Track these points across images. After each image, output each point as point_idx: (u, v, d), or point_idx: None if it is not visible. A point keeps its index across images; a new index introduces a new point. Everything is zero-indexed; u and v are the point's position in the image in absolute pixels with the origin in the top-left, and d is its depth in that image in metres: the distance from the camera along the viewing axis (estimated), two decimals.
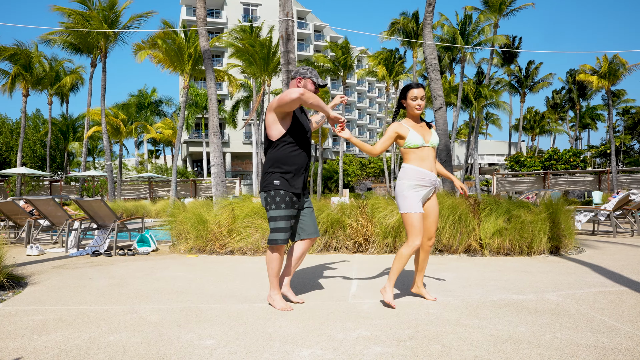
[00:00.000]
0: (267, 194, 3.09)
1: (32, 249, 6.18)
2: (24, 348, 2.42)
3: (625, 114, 41.95)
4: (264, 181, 3.11)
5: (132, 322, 2.87)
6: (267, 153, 3.15)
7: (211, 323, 2.84)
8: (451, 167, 8.68)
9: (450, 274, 4.39)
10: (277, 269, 3.12)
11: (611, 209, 8.21)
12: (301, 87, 3.18)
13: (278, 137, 3.09)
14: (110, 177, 20.31)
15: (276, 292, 3.18)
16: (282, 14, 7.02)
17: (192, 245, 6.26)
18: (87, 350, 2.37)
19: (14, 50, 21.76)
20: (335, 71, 31.25)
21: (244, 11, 44.19)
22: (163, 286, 4.00)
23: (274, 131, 3.09)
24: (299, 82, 3.21)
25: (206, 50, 9.60)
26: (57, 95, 31.26)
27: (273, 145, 3.11)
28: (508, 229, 5.52)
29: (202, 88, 38.29)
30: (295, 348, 2.37)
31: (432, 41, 8.89)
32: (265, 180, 3.10)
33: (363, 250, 5.91)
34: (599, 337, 2.47)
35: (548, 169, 26.16)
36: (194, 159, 44.53)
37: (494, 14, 27.31)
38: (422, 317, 2.90)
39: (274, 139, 3.09)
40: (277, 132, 3.08)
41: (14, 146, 33.23)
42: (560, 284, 3.84)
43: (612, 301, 3.23)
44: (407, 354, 2.26)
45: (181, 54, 17.93)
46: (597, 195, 17.26)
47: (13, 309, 3.26)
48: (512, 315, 2.91)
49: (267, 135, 3.12)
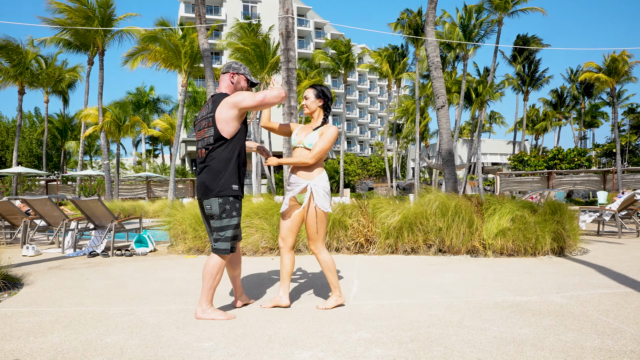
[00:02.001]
0: (224, 199, 2.85)
1: (28, 250, 6.13)
2: (19, 350, 2.38)
3: (631, 113, 41.85)
4: (218, 184, 2.85)
5: (129, 324, 2.83)
6: (214, 152, 2.87)
7: (210, 325, 2.80)
8: (454, 167, 8.63)
9: (452, 275, 4.35)
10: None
11: (616, 209, 8.15)
12: (234, 82, 3.04)
13: (231, 136, 2.89)
14: (107, 177, 20.24)
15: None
16: (282, 11, 6.97)
17: (191, 246, 6.21)
18: (84, 352, 2.33)
19: (3, 44, 21.34)
20: (335, 69, 31.18)
21: (243, 8, 44.09)
22: (161, 287, 3.96)
23: (231, 127, 2.87)
24: (232, 77, 3.04)
25: (205, 48, 9.55)
26: (55, 94, 31.22)
27: (225, 147, 2.88)
28: (511, 230, 5.47)
29: (201, 86, 38.25)
30: (295, 350, 2.33)
31: (434, 38, 8.84)
32: (221, 184, 2.85)
33: (364, 250, 5.87)
34: (604, 340, 2.43)
35: (552, 168, 26.10)
36: (193, 158, 44.49)
37: (498, 12, 27.23)
38: (424, 319, 2.85)
39: (229, 137, 2.88)
40: (232, 129, 2.88)
41: (9, 145, 33.16)
42: (564, 285, 3.80)
43: (617, 303, 3.19)
44: (409, 356, 2.22)
45: (178, 52, 17.82)
46: (602, 195, 17.20)
47: (9, 310, 3.22)
48: (515, 317, 2.87)
49: (218, 132, 2.86)
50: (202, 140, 2.93)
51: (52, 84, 27.85)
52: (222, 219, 2.87)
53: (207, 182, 2.87)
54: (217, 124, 2.85)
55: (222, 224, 2.87)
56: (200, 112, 3.04)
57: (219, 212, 2.86)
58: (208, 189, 2.86)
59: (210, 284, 2.88)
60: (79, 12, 18.79)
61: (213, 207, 2.86)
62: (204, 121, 2.94)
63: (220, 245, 2.87)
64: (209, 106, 2.95)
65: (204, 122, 2.94)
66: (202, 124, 2.95)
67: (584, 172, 23.72)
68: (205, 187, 2.87)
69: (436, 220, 5.67)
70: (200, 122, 2.98)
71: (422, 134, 38.13)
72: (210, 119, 2.89)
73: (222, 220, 2.87)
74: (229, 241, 2.89)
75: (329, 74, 32.84)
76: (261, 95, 2.87)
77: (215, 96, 2.99)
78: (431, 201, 5.88)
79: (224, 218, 2.86)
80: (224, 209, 2.86)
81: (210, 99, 3.02)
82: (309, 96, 3.18)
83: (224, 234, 2.87)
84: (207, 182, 2.87)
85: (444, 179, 8.67)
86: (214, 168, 2.86)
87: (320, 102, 3.18)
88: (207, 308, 2.91)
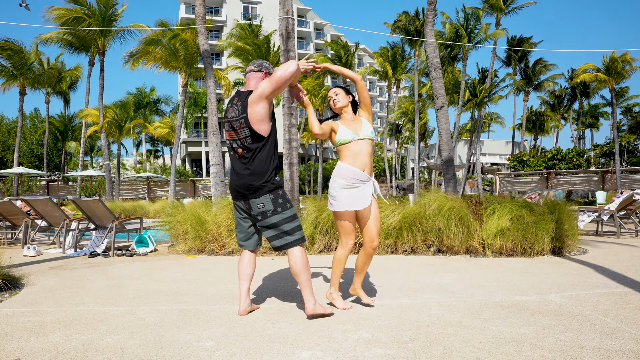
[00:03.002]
0: (274, 194, 2.86)
1: (29, 250, 6.14)
2: (20, 350, 2.39)
3: (629, 113, 41.88)
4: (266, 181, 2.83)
5: (130, 324, 2.84)
6: (255, 152, 2.82)
7: (210, 324, 2.81)
8: (453, 167, 8.64)
9: (452, 275, 4.36)
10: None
11: (615, 209, 8.17)
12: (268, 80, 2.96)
13: (268, 133, 2.84)
14: (108, 177, 20.27)
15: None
16: (282, 11, 6.99)
17: (191, 246, 6.22)
18: (85, 352, 2.34)
19: (4, 44, 21.30)
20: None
21: (243, 9, 44.13)
22: (162, 287, 3.97)
23: (265, 125, 2.81)
24: (265, 76, 2.96)
25: (205, 49, 9.57)
26: (56, 94, 31.22)
27: (263, 145, 2.83)
28: (511, 230, 5.48)
29: (202, 87, 38.26)
30: (295, 350, 2.34)
31: (434, 39, 8.86)
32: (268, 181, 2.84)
33: None
34: (602, 339, 2.44)
35: (551, 168, 26.12)
36: (193, 158, 44.50)
37: (495, 13, 27.27)
38: (423, 319, 2.86)
39: (266, 135, 2.83)
40: (267, 126, 2.82)
41: (10, 145, 33.15)
42: (563, 285, 3.81)
43: (616, 302, 3.20)
44: (409, 356, 2.23)
45: (178, 53, 17.83)
46: (600, 195, 17.20)
47: (10, 310, 3.23)
48: (514, 317, 2.88)
49: (254, 132, 2.80)
50: (238, 141, 2.85)
51: (53, 85, 27.86)
52: (279, 213, 2.85)
53: (253, 182, 2.82)
54: (252, 125, 2.80)
55: (283, 217, 2.85)
56: (228, 111, 2.93)
57: (274, 207, 2.84)
58: (256, 188, 2.82)
59: (306, 276, 2.87)
60: (76, 11, 18.78)
61: (266, 205, 2.84)
62: (236, 122, 2.84)
63: (290, 238, 2.86)
64: (238, 107, 2.85)
65: (236, 123, 2.85)
66: (234, 125, 2.86)
67: (582, 173, 23.74)
68: (252, 187, 2.83)
69: (435, 220, 5.68)
70: (231, 122, 2.89)
71: (422, 135, 38.14)
72: (243, 120, 2.82)
73: (280, 214, 2.85)
74: (300, 228, 2.90)
75: (329, 74, 32.82)
76: (277, 74, 2.78)
77: (241, 96, 2.90)
78: (431, 201, 5.90)
79: (280, 211, 2.85)
80: (277, 202, 2.85)
81: (236, 99, 2.92)
82: (339, 91, 3.19)
83: (286, 225, 2.86)
84: (254, 182, 2.82)
85: (443, 179, 8.68)
86: (258, 168, 2.83)
87: (350, 98, 3.23)
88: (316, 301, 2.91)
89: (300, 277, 2.86)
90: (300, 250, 2.88)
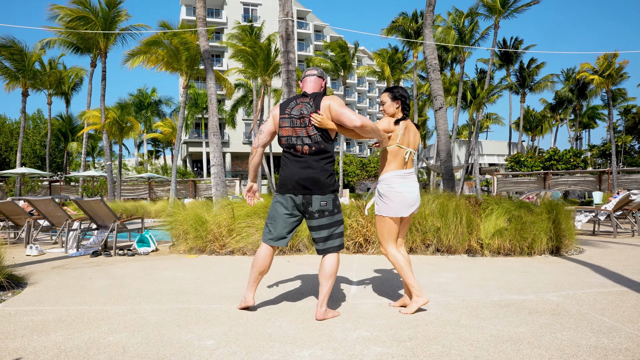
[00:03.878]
0: (335, 195, 2.95)
1: (32, 249, 6.17)
2: (23, 348, 2.42)
3: (627, 114, 41.90)
4: (331, 181, 2.91)
5: (131, 323, 2.86)
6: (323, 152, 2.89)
7: (211, 323, 2.83)
8: (452, 167, 8.67)
9: (450, 274, 4.38)
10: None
11: (611, 209, 8.21)
12: (324, 88, 3.08)
13: (334, 136, 2.97)
14: (110, 177, 20.32)
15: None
16: (282, 13, 7.02)
17: (192, 246, 6.25)
18: (87, 351, 2.37)
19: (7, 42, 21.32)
20: (335, 71, 31.24)
21: (244, 11, 44.20)
22: (163, 286, 3.99)
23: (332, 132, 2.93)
24: (324, 82, 3.09)
25: (206, 50, 9.60)
26: (58, 95, 31.25)
27: (329, 144, 2.92)
28: (508, 230, 5.51)
29: (202, 88, 38.30)
30: (295, 348, 2.37)
31: (432, 41, 8.89)
32: (333, 181, 2.93)
33: (363, 250, 5.91)
34: (599, 338, 2.47)
35: (548, 169, 26.14)
36: (194, 159, 44.54)
37: (494, 15, 27.28)
38: (422, 318, 2.89)
39: (333, 136, 2.95)
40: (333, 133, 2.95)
41: (13, 146, 33.21)
42: (560, 284, 3.84)
43: (612, 301, 3.23)
44: (407, 355, 2.26)
45: (179, 54, 17.87)
46: (597, 195, 17.26)
47: (13, 309, 3.26)
48: (512, 316, 2.91)
49: (327, 131, 2.89)
50: (307, 138, 2.86)
51: (55, 86, 27.90)
52: (335, 214, 2.92)
53: (321, 178, 2.86)
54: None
55: (334, 219, 2.92)
56: (293, 108, 2.94)
57: (332, 208, 2.91)
58: (323, 185, 2.86)
59: (332, 282, 2.91)
60: (78, 12, 18.82)
61: (329, 203, 2.90)
62: (305, 119, 2.87)
63: (336, 242, 2.93)
64: (308, 105, 2.88)
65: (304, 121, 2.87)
66: (301, 122, 2.88)
67: (579, 173, 23.79)
68: (319, 182, 2.86)
69: (434, 220, 5.71)
70: (297, 119, 2.89)
71: (421, 135, 38.17)
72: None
73: (334, 216, 2.92)
74: (343, 235, 2.98)
75: (329, 75, 32.86)
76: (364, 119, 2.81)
77: (311, 95, 2.93)
78: (429, 201, 5.93)
79: (335, 213, 2.93)
80: (336, 204, 2.94)
81: (307, 98, 2.93)
82: (385, 100, 3.15)
83: (337, 229, 2.93)
84: (321, 179, 2.86)
85: (441, 180, 8.71)
86: (325, 166, 2.90)
87: (398, 104, 3.12)
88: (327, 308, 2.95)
89: (327, 282, 2.90)
90: (337, 256, 2.94)
